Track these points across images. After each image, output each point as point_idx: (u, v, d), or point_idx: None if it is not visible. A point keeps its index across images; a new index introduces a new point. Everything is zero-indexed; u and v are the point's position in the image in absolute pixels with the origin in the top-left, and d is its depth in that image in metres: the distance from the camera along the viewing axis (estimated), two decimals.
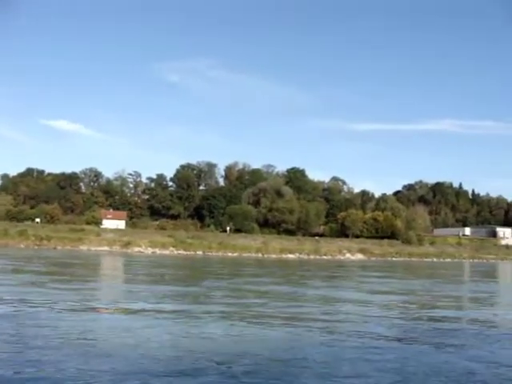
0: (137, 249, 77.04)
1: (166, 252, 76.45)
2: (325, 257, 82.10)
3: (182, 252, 76.95)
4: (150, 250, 76.63)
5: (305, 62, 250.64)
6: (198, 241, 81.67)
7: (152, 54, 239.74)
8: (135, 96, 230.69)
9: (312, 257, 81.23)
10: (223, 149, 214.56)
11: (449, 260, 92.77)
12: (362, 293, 26.83)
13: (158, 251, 76.52)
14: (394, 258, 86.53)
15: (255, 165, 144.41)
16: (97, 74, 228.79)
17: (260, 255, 78.88)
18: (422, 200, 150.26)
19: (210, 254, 77.05)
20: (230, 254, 77.45)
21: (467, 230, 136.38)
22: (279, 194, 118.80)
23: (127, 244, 78.19)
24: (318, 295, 25.20)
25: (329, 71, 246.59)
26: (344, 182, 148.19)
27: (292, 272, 46.43)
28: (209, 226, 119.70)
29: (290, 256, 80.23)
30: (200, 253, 77.22)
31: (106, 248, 76.81)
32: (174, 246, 78.44)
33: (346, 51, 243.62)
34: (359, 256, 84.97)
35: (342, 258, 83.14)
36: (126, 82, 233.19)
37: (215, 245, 79.95)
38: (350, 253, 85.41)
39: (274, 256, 79.01)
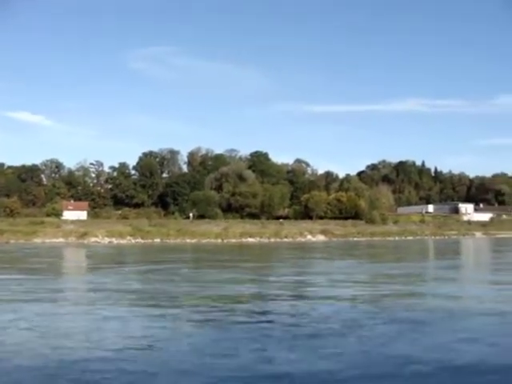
0: (93, 239, 74.46)
1: (124, 241, 74.03)
2: (286, 239, 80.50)
3: (139, 240, 74.58)
4: (106, 240, 74.14)
5: (266, 46, 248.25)
6: (156, 228, 79.35)
7: (115, 42, 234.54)
8: (98, 85, 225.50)
9: (273, 240, 79.54)
10: (187, 135, 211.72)
11: (411, 238, 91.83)
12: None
13: (114, 241, 74.07)
14: (355, 238, 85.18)
15: (218, 150, 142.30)
16: (59, 64, 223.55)
17: (219, 241, 76.93)
18: (386, 179, 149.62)
19: (168, 241, 74.86)
20: (188, 241, 75.35)
21: (430, 208, 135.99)
22: (241, 178, 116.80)
23: (83, 235, 75.55)
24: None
25: (291, 54, 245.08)
26: (308, 164, 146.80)
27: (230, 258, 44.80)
28: (173, 213, 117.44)
29: (251, 240, 78.41)
30: (158, 240, 74.99)
31: (61, 240, 74.14)
32: (131, 235, 75.99)
33: (307, 34, 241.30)
34: (320, 237, 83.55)
35: (303, 240, 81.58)
36: (89, 71, 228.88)
37: (173, 232, 77.72)
38: (312, 234, 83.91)
39: (233, 241, 77.17)
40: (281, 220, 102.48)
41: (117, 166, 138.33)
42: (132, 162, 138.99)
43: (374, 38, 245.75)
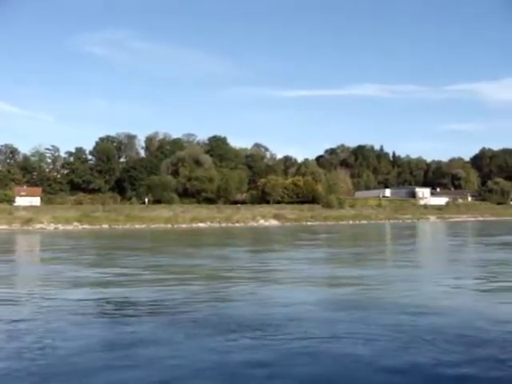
0: (39, 225, 71.26)
1: (70, 227, 71.05)
2: (237, 224, 78.46)
3: (86, 226, 71.56)
4: (52, 226, 71.04)
5: (227, 30, 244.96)
6: (104, 214, 76.55)
7: (73, 25, 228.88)
8: (55, 70, 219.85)
9: (224, 225, 77.46)
10: (145, 120, 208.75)
11: (365, 222, 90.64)
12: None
13: (61, 227, 70.99)
14: (309, 223, 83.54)
15: (177, 134, 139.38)
16: (15, 48, 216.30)
17: (169, 226, 74.51)
18: (344, 164, 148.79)
19: (116, 227, 72.12)
20: (137, 226, 72.69)
21: (387, 192, 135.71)
22: (198, 162, 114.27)
23: (28, 221, 72.29)
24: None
25: (252, 39, 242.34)
26: (267, 149, 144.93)
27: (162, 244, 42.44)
28: (130, 198, 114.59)
29: (201, 225, 76.19)
30: (106, 226, 72.16)
31: (5, 227, 70.76)
32: (78, 221, 73.00)
33: (268, 18, 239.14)
34: (273, 222, 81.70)
35: (255, 224, 79.64)
36: (45, 55, 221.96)
37: (122, 217, 75.00)
38: (264, 219, 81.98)
39: (184, 226, 74.84)
40: (238, 205, 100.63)
41: (73, 151, 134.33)
42: (89, 146, 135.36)
43: (334, 22, 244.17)
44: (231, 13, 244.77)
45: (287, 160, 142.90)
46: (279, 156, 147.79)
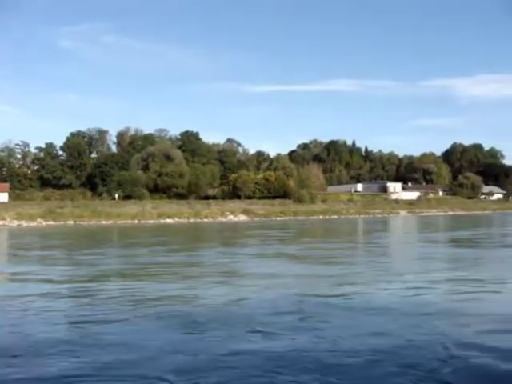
0: (1, 222, 69.11)
1: (34, 224, 68.96)
2: (206, 219, 77.02)
3: (51, 223, 69.51)
4: (15, 223, 68.89)
5: (200, 25, 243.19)
6: (70, 210, 74.54)
7: (44, 19, 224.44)
8: (25, 63, 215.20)
9: (192, 220, 75.99)
10: (117, 115, 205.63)
11: (335, 217, 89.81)
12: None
13: (24, 223, 68.86)
14: (278, 218, 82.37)
15: (149, 130, 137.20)
16: None
17: (136, 221, 72.80)
18: (317, 158, 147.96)
19: (81, 223, 70.16)
20: (103, 222, 70.87)
21: (359, 187, 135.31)
22: (169, 158, 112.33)
23: None
24: None
25: (224, 34, 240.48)
26: (239, 144, 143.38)
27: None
28: (101, 194, 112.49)
29: (169, 221, 74.61)
30: (71, 222, 70.16)
31: None
32: (42, 217, 70.91)
33: (242, 12, 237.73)
34: (242, 217, 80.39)
35: (223, 220, 78.26)
36: (16, 49, 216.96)
37: (88, 213, 73.05)
38: (233, 214, 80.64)
39: (151, 222, 73.19)
40: (209, 200, 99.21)
41: (43, 146, 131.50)
42: (59, 142, 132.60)
43: (307, 17, 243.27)
44: (204, 7, 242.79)
45: (260, 155, 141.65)
46: (252, 151, 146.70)
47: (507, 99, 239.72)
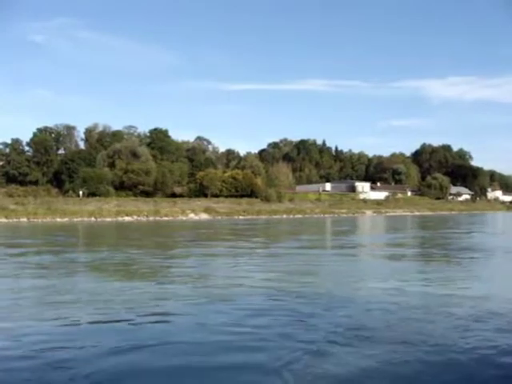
0: None
1: None
2: (165, 218, 74.45)
3: (3, 220, 66.44)
4: None
5: (173, 22, 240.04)
6: (23, 207, 71.42)
7: (14, 13, 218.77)
8: None
9: (151, 218, 73.38)
10: (87, 111, 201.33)
11: (299, 216, 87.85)
12: None
13: None
14: (241, 217, 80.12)
15: (118, 126, 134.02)
16: None
17: (93, 219, 69.94)
18: (287, 158, 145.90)
19: (35, 220, 67.13)
20: (58, 220, 67.96)
21: (328, 186, 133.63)
22: (135, 155, 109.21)
23: None
24: None
25: (197, 32, 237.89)
26: (209, 142, 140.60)
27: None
28: (67, 191, 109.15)
29: (127, 218, 71.92)
30: (25, 220, 67.13)
31: None
32: None
33: (214, 11, 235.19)
34: (203, 216, 77.96)
35: (184, 218, 75.77)
36: None
37: (42, 210, 70.00)
38: (194, 213, 78.16)
39: (108, 219, 70.42)
40: (176, 198, 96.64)
41: (9, 141, 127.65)
42: (26, 138, 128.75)
43: (281, 17, 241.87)
44: (179, 5, 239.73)
45: (230, 153, 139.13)
46: (223, 149, 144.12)
47: (477, 101, 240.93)
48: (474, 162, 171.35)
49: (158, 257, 24.13)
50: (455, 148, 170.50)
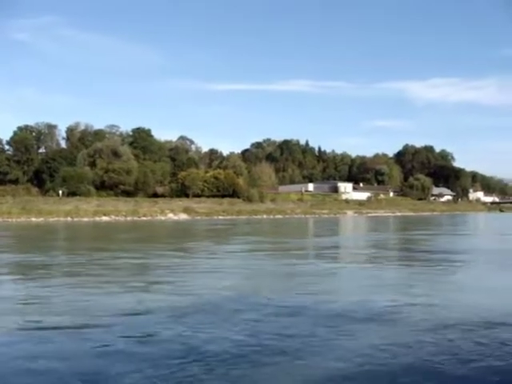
0: None
1: None
2: (144, 218, 73.22)
3: None
4: None
5: (158, 21, 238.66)
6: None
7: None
8: None
9: (129, 218, 72.10)
10: (69, 110, 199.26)
11: (280, 216, 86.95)
12: None
13: None
14: (220, 217, 79.07)
15: (100, 125, 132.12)
16: None
17: (69, 219, 68.53)
18: (270, 158, 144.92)
19: (9, 220, 65.59)
20: (34, 220, 66.47)
21: (310, 186, 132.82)
22: (116, 154, 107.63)
23: None
24: None
25: (182, 31, 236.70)
26: (192, 142, 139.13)
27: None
28: (48, 190, 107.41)
29: (105, 218, 70.61)
30: None
31: None
32: None
33: (200, 10, 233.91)
34: (183, 216, 76.83)
35: (163, 218, 74.59)
36: None
37: (17, 210, 68.46)
38: (173, 213, 76.99)
39: (86, 219, 69.05)
40: (157, 198, 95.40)
41: None
42: (6, 136, 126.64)
43: (265, 17, 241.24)
44: (162, 3, 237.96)
45: (213, 153, 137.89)
46: (206, 149, 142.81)
47: (460, 103, 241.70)
48: (457, 163, 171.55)
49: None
50: (438, 149, 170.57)
